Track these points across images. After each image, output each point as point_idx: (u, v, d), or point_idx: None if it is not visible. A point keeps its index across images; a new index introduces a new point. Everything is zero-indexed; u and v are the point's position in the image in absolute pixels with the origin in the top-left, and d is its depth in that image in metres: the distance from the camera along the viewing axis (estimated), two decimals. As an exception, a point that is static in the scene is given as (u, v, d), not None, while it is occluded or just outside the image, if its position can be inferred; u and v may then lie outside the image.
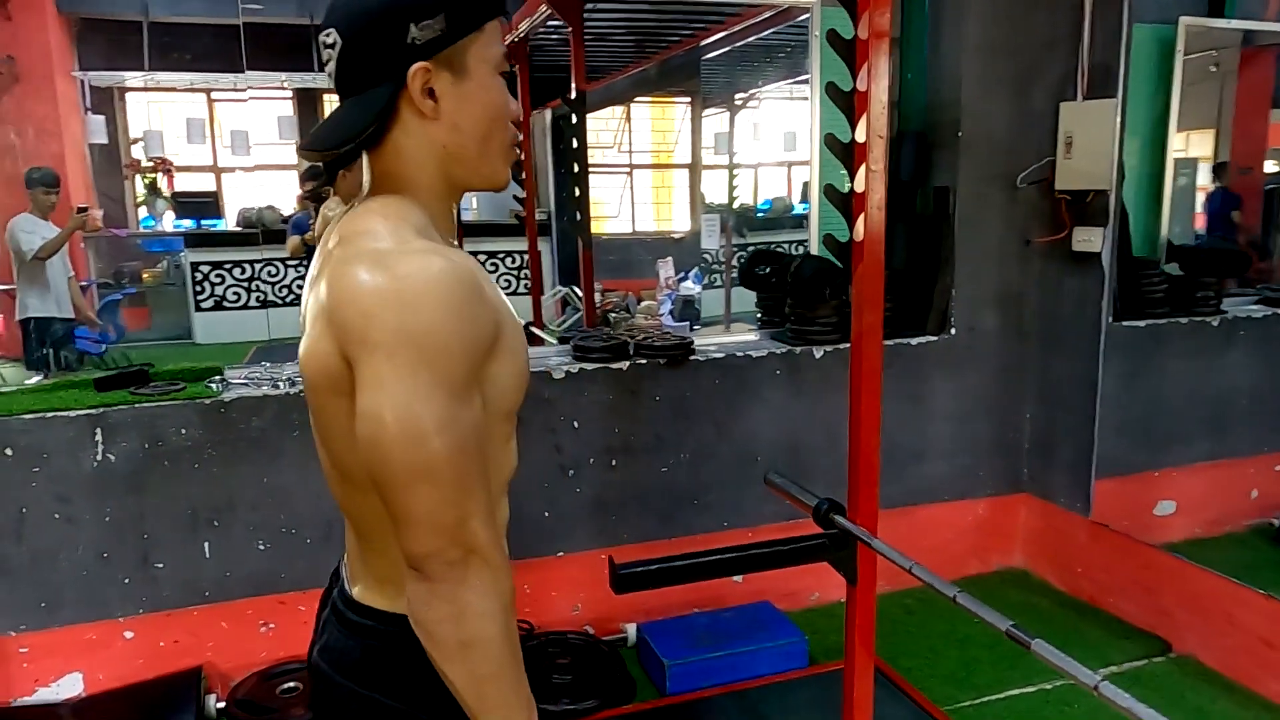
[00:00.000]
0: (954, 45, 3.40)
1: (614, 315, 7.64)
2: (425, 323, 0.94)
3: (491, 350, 1.04)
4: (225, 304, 8.79)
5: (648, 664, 3.04)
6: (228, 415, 2.79)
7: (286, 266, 8.69)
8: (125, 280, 8.91)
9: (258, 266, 8.86)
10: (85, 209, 5.59)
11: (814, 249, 3.54)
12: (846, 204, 2.21)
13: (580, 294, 7.82)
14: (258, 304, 8.77)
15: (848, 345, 3.37)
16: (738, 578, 3.37)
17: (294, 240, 6.32)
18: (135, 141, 9.64)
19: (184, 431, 2.75)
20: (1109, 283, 3.27)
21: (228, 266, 8.74)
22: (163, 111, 10.21)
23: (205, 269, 8.78)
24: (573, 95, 4.18)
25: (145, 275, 9.06)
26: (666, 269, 8.20)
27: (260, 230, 8.78)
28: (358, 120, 1.06)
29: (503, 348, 1.06)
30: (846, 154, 2.18)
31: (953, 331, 3.52)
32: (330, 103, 10.91)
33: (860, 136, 2.12)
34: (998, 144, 3.43)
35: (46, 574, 2.69)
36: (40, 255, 5.06)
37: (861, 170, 2.13)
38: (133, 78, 9.05)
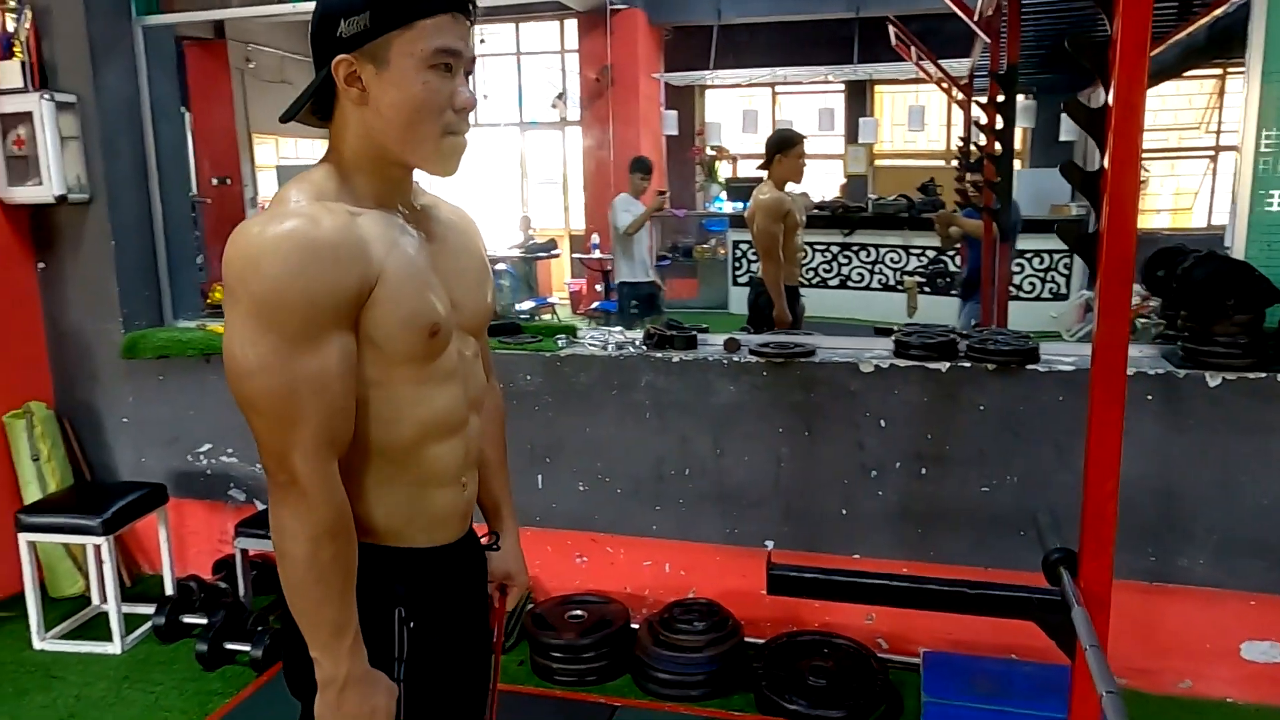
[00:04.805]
0: None
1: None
2: (261, 275, 1.13)
3: (362, 302, 1.19)
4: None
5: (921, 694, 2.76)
6: (561, 369, 3.18)
7: (813, 250, 9.11)
8: (677, 255, 10.16)
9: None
10: (664, 193, 6.61)
11: (1234, 248, 2.77)
12: (1091, 186, 1.77)
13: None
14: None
15: (1261, 376, 2.63)
16: (1071, 633, 2.84)
17: None
18: (699, 132, 10.88)
19: (528, 378, 3.21)
20: None
21: (759, 246, 9.40)
22: (727, 104, 11.32)
23: (744, 247, 9.56)
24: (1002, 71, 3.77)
25: (696, 251, 10.25)
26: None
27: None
28: (299, 99, 1.27)
29: (382, 298, 1.20)
30: (1093, 123, 1.74)
31: None
32: (880, 94, 11.06)
33: (1111, 100, 1.68)
34: None
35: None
36: (627, 231, 6.07)
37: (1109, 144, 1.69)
38: (707, 75, 10.18)
